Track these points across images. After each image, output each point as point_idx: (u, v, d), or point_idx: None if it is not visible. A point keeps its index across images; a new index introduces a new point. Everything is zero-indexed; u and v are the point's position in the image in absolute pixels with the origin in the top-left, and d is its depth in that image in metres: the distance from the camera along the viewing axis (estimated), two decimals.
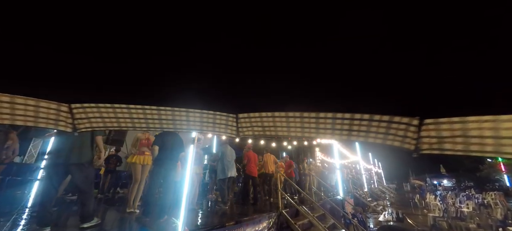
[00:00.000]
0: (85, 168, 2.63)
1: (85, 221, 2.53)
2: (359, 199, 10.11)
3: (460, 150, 1.79)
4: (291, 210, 4.83)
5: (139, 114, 2.43)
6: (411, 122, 1.89)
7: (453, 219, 7.43)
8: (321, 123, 2.29)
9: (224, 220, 3.37)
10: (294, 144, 12.16)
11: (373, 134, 2.13)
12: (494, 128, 1.58)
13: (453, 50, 1.05)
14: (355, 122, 2.11)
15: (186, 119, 2.53)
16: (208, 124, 2.62)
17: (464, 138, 1.74)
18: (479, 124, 1.63)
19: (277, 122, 2.47)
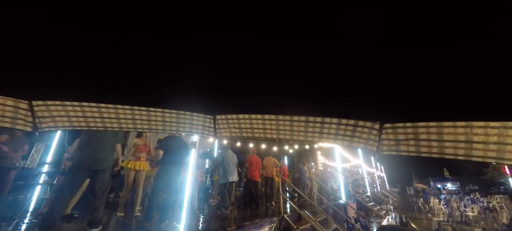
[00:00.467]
0: (105, 174, 2.68)
1: (93, 226, 2.53)
2: (362, 204, 10.00)
3: (413, 152, 2.07)
4: (293, 214, 4.79)
5: (110, 113, 2.32)
6: (373, 126, 2.13)
7: (458, 224, 7.32)
8: (295, 126, 2.44)
9: (225, 225, 3.35)
10: (295, 148, 12.11)
11: (341, 136, 2.36)
12: (437, 133, 1.88)
13: (410, 61, 1.19)
14: (326, 125, 2.32)
15: (161, 120, 2.50)
16: (185, 124, 2.60)
17: (415, 141, 2.01)
18: (427, 129, 1.90)
19: (254, 123, 2.55)
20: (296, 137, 2.57)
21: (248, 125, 2.59)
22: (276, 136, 2.61)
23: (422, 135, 1.96)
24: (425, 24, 0.90)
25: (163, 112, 2.42)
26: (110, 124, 2.41)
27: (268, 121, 2.48)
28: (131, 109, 2.34)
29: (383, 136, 2.15)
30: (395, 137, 2.11)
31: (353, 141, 2.35)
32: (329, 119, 2.26)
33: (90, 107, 2.21)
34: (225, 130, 2.69)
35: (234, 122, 2.58)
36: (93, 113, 2.28)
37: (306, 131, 2.45)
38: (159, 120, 2.48)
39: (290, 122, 2.42)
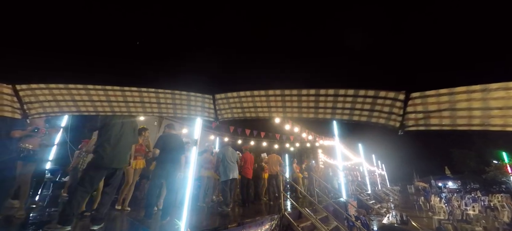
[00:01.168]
0: (120, 172, 2.73)
1: (96, 222, 2.55)
2: (362, 201, 10.02)
3: (447, 125, 1.71)
4: (294, 212, 4.81)
5: (100, 96, 2.11)
6: (397, 96, 1.80)
7: (459, 222, 7.32)
8: (304, 101, 2.15)
9: (227, 222, 3.37)
10: (297, 146, 12.12)
11: (358, 111, 2.03)
12: (482, 99, 1.48)
13: (440, 16, 0.93)
14: (340, 99, 1.99)
15: (156, 101, 2.28)
16: (182, 106, 2.37)
17: (451, 111, 1.65)
18: (468, 95, 1.52)
19: (257, 102, 2.29)
20: (305, 115, 2.26)
21: (251, 104, 2.32)
22: (283, 114, 2.33)
23: (461, 104, 1.58)
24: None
25: (157, 92, 2.21)
26: (101, 108, 2.24)
27: (273, 97, 2.19)
28: (122, 90, 2.14)
29: (409, 108, 1.81)
30: (424, 108, 1.75)
31: (373, 116, 2.00)
32: (343, 90, 1.92)
33: (78, 89, 2.02)
34: (226, 111, 2.45)
35: (235, 101, 2.33)
36: (81, 97, 2.09)
37: (316, 107, 2.13)
38: (154, 102, 2.29)
39: (298, 97, 2.12)
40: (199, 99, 2.33)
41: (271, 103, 2.26)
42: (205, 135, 9.40)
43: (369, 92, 1.86)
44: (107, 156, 2.55)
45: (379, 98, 1.87)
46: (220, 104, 2.40)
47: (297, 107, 2.22)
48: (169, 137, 3.53)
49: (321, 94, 2.03)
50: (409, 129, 1.89)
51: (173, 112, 2.41)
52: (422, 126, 1.82)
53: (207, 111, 2.45)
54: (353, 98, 1.95)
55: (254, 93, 2.21)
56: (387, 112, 1.92)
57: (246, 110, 2.40)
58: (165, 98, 2.26)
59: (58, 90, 1.99)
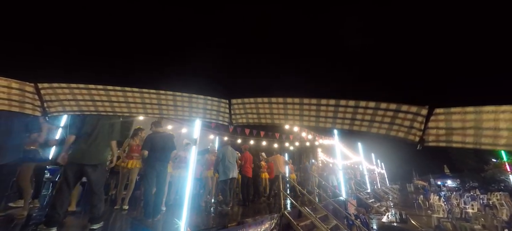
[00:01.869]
0: (99, 169, 2.64)
1: (94, 222, 2.55)
2: (362, 200, 10.04)
3: (470, 143, 1.68)
4: (294, 211, 4.82)
5: (119, 97, 2.15)
6: (419, 111, 1.77)
7: (458, 220, 7.35)
8: (322, 111, 2.12)
9: (226, 221, 3.37)
10: (296, 145, 12.13)
11: (377, 124, 1.99)
12: (510, 120, 1.46)
13: (471, 33, 0.90)
14: (360, 110, 1.97)
15: (173, 104, 2.31)
16: (198, 109, 2.39)
17: (476, 130, 1.62)
18: (496, 115, 1.50)
19: (274, 109, 2.27)
20: (322, 125, 2.23)
21: (268, 110, 2.30)
22: (299, 123, 2.32)
23: (487, 123, 1.56)
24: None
25: (175, 95, 2.24)
26: (119, 108, 2.28)
27: (291, 105, 2.17)
28: (140, 92, 2.18)
29: (431, 124, 1.78)
30: (447, 125, 1.72)
31: (392, 129, 1.97)
32: (364, 102, 1.89)
33: (97, 90, 2.09)
34: (241, 116, 2.45)
35: (252, 107, 2.31)
36: (101, 97, 2.15)
37: (335, 117, 2.12)
38: (171, 104, 2.32)
39: (317, 107, 2.09)
40: (215, 103, 2.35)
41: (288, 111, 2.24)
42: (204, 134, 9.40)
43: (391, 105, 1.84)
44: (78, 152, 2.54)
45: (400, 111, 1.84)
46: (236, 109, 2.41)
47: (315, 116, 2.20)
48: (157, 136, 3.51)
49: (341, 105, 2.00)
50: (428, 145, 1.87)
51: (189, 114, 2.44)
52: (443, 142, 1.80)
53: (222, 115, 2.47)
54: (373, 110, 1.93)
55: (272, 100, 2.20)
56: (408, 126, 1.89)
57: (262, 116, 2.40)
58: (182, 101, 2.29)
59: (78, 89, 2.04)
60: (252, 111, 2.38)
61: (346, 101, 1.95)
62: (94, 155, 2.60)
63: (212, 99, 2.30)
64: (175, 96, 2.24)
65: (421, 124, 1.82)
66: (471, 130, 1.65)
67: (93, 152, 2.60)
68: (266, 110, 2.32)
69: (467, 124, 1.64)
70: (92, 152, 2.59)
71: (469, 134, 1.67)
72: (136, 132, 4.20)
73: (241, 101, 2.32)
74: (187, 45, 9.19)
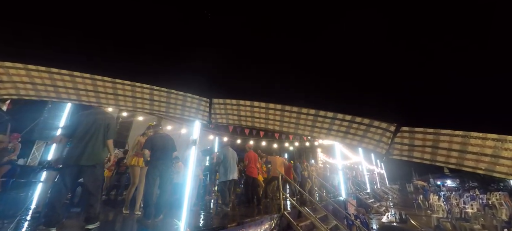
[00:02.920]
0: (96, 170, 2.63)
1: (90, 222, 2.54)
2: (361, 200, 10.04)
3: (427, 159, 1.93)
4: (294, 211, 4.82)
5: (87, 85, 1.96)
6: (388, 128, 1.97)
7: (457, 220, 7.36)
8: (302, 120, 2.23)
9: (226, 222, 3.37)
10: (296, 145, 12.13)
11: (351, 135, 2.18)
12: (462, 143, 1.73)
13: (438, 63, 1.10)
14: (336, 122, 2.12)
15: (149, 98, 2.19)
16: (176, 106, 2.31)
17: (433, 148, 1.86)
18: (450, 137, 1.75)
19: (256, 112, 2.30)
20: (301, 132, 2.36)
21: (249, 113, 2.34)
22: (279, 128, 2.40)
23: (443, 144, 1.80)
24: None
25: (152, 89, 2.10)
26: (86, 97, 2.04)
27: (272, 111, 2.24)
28: (113, 82, 1.97)
29: (397, 139, 1.98)
30: (410, 142, 1.94)
31: (363, 141, 2.17)
32: (342, 115, 2.05)
33: (61, 75, 1.81)
34: (221, 116, 2.44)
35: (233, 108, 2.33)
36: (64, 83, 1.89)
37: (313, 126, 2.25)
38: (146, 98, 2.17)
39: (297, 115, 2.20)
40: (195, 101, 2.29)
41: (269, 115, 2.30)
42: (204, 135, 9.40)
43: (365, 120, 2.01)
44: (74, 153, 2.53)
45: (372, 126, 2.02)
46: (216, 109, 2.38)
47: (294, 123, 2.29)
48: (157, 137, 3.51)
49: (320, 115, 2.12)
50: (392, 157, 2.09)
51: (166, 111, 2.33)
52: (405, 156, 2.03)
53: (201, 114, 2.41)
54: (349, 123, 2.09)
55: (254, 104, 2.21)
56: (377, 140, 2.09)
57: (242, 118, 2.41)
58: (159, 95, 2.17)
59: (37, 72, 1.76)
60: (233, 113, 2.37)
61: (325, 112, 2.08)
62: (91, 156, 2.59)
63: (192, 96, 2.21)
64: (152, 90, 2.10)
65: (388, 139, 2.01)
66: (429, 148, 1.88)
67: (90, 153, 2.59)
68: (248, 113, 2.33)
69: (427, 142, 1.87)
70: (89, 153, 2.58)
71: (427, 151, 1.91)
72: (146, 131, 4.09)
73: (222, 101, 2.29)
74: (169, 40, 8.60)
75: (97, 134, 2.67)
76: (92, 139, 2.62)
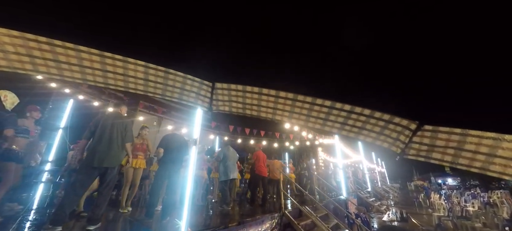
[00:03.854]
0: (114, 172, 2.69)
1: (92, 223, 2.55)
2: (362, 199, 10.04)
3: (447, 162, 1.80)
4: (294, 210, 4.82)
5: (70, 57, 1.65)
6: (408, 125, 1.84)
7: (458, 219, 7.35)
8: (315, 110, 2.08)
9: (227, 221, 3.37)
10: (296, 144, 12.12)
11: (367, 131, 2.04)
12: (491, 146, 1.57)
13: (471, 64, 0.96)
14: (353, 115, 1.98)
15: (144, 78, 1.93)
16: (174, 88, 2.09)
17: (456, 150, 1.73)
18: (479, 139, 1.61)
19: (263, 100, 2.13)
20: (311, 124, 2.20)
21: (256, 102, 2.17)
22: (288, 119, 2.23)
23: (469, 146, 1.66)
24: None
25: (147, 66, 1.85)
26: (69, 72, 1.72)
27: (283, 99, 2.06)
28: (101, 56, 1.69)
29: (416, 138, 1.87)
30: (431, 142, 1.82)
31: (379, 138, 2.03)
32: (360, 109, 1.90)
33: (38, 43, 1.50)
34: (224, 103, 2.26)
35: (238, 94, 2.15)
36: (43, 53, 1.56)
37: (326, 119, 2.09)
38: (140, 77, 1.93)
39: (310, 106, 2.03)
40: (196, 84, 2.07)
41: (278, 105, 2.14)
42: (204, 134, 9.40)
43: (384, 116, 1.87)
44: (98, 155, 2.57)
45: (391, 123, 1.88)
46: (219, 95, 2.19)
47: (306, 115, 2.15)
48: (172, 136, 3.52)
49: (336, 108, 1.97)
50: (407, 157, 1.96)
51: (162, 93, 2.08)
52: (422, 157, 1.89)
53: (201, 99, 2.20)
54: (366, 118, 1.95)
55: (263, 90, 2.05)
56: (394, 138, 1.95)
57: (247, 106, 2.23)
58: (155, 75, 1.92)
59: (8, 38, 1.44)
60: (237, 100, 2.19)
61: (342, 104, 1.93)
62: (114, 158, 2.66)
63: (193, 78, 2.01)
64: (147, 68, 1.85)
65: (407, 137, 1.89)
66: (451, 150, 1.75)
67: (113, 155, 2.65)
68: (254, 100, 2.16)
69: (450, 144, 1.73)
70: (112, 155, 2.64)
71: (449, 153, 1.77)
72: (140, 131, 4.18)
73: (226, 86, 2.10)
74: (173, 11, 7.39)
75: (117, 136, 2.73)
76: (113, 142, 2.67)
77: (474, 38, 31.70)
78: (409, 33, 32.99)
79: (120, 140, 2.77)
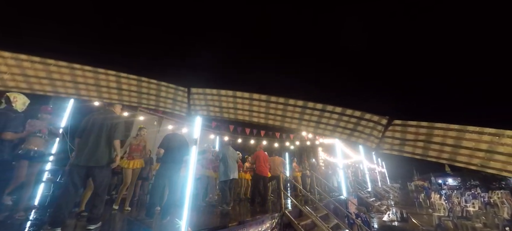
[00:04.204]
0: (103, 171, 2.65)
1: (92, 222, 2.55)
2: (362, 199, 10.04)
3: (418, 154, 1.88)
4: (294, 210, 4.82)
5: (37, 71, 1.65)
6: (380, 121, 1.90)
7: (459, 219, 7.35)
8: (289, 111, 2.12)
9: (227, 221, 3.37)
10: (297, 144, 12.12)
11: (341, 129, 2.10)
12: (456, 137, 1.67)
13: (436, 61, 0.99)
14: (326, 114, 2.03)
15: (117, 87, 1.92)
16: (150, 96, 2.09)
17: (425, 143, 1.81)
18: (445, 131, 1.70)
19: (239, 103, 2.15)
20: (287, 125, 2.24)
21: (231, 104, 2.20)
22: (264, 121, 2.27)
23: (436, 138, 1.74)
24: None
25: (118, 76, 1.85)
26: (39, 85, 1.72)
27: (257, 102, 2.10)
28: (70, 68, 1.67)
29: (388, 133, 1.93)
30: (402, 136, 1.89)
31: (353, 135, 2.10)
32: (331, 107, 1.96)
33: (3, 58, 1.51)
34: (201, 107, 2.28)
35: (214, 98, 2.18)
36: (9, 68, 1.56)
37: (301, 118, 2.14)
38: (113, 86, 1.93)
39: (284, 106, 2.07)
40: (171, 91, 2.07)
41: (253, 107, 2.18)
42: (204, 134, 9.41)
43: (356, 113, 1.94)
44: (82, 154, 2.56)
45: (363, 119, 1.96)
46: (196, 99, 2.21)
47: (280, 115, 2.19)
48: (173, 136, 3.54)
49: (308, 107, 2.03)
50: (383, 151, 2.04)
51: (138, 101, 2.11)
52: (396, 151, 1.97)
53: (179, 105, 2.22)
54: (339, 115, 2.02)
55: (237, 94, 2.08)
56: (367, 133, 2.02)
57: (224, 110, 2.27)
58: (128, 84, 1.93)
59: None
60: (214, 104, 2.22)
61: (314, 104, 1.99)
62: (100, 156, 2.61)
63: (167, 85, 2.00)
64: (119, 77, 1.85)
65: (379, 132, 1.95)
66: (421, 142, 1.83)
67: (99, 153, 2.61)
68: (230, 104, 2.19)
69: (419, 137, 1.81)
70: (99, 154, 2.61)
71: (419, 146, 1.85)
72: (138, 132, 4.22)
73: (202, 91, 2.11)
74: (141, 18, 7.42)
75: (104, 135, 2.69)
76: (99, 140, 2.64)
77: (451, 38, 30.53)
78: (406, 34, 31.78)
79: (105, 138, 2.70)
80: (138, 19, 6.30)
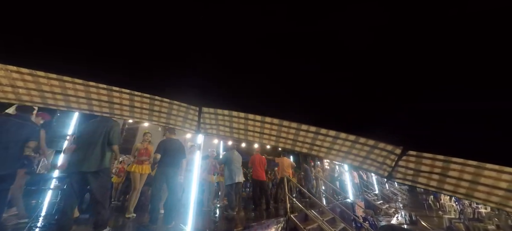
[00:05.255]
0: (100, 176, 2.64)
1: (98, 228, 2.57)
2: (369, 202, 9.86)
3: (433, 186, 1.84)
4: (300, 214, 4.76)
5: (53, 86, 1.72)
6: (394, 150, 1.85)
7: (470, 221, 7.13)
8: (301, 136, 2.11)
9: (232, 225, 3.36)
10: None
11: (353, 156, 2.07)
12: (474, 174, 1.63)
13: (453, 92, 0.96)
14: (338, 141, 2.02)
15: (129, 104, 1.97)
16: (161, 113, 2.14)
17: (441, 176, 1.77)
18: (462, 166, 1.66)
19: (250, 125, 2.15)
20: (298, 149, 2.23)
21: (242, 126, 2.20)
22: (275, 143, 2.28)
23: (453, 172, 1.70)
24: None
25: (132, 95, 1.91)
26: (53, 100, 1.80)
27: (269, 125, 2.11)
28: (86, 85, 1.74)
29: (402, 163, 1.89)
30: (416, 167, 1.85)
31: (365, 162, 2.07)
32: (345, 135, 1.94)
33: (9, 71, 1.56)
34: (211, 126, 2.29)
35: (225, 119, 2.19)
36: (12, 81, 1.62)
37: (312, 144, 2.14)
38: (126, 104, 1.99)
39: (296, 131, 2.08)
40: (183, 110, 2.11)
41: (265, 130, 2.17)
42: (208, 138, 9.44)
43: (369, 142, 1.90)
44: (75, 160, 2.61)
45: (376, 148, 1.92)
46: (206, 118, 2.22)
47: (292, 139, 2.18)
48: (169, 142, 3.58)
49: (321, 133, 2.02)
50: (395, 180, 2.00)
51: (149, 118, 2.18)
52: (409, 181, 1.92)
53: (189, 123, 2.25)
54: (352, 143, 1.99)
55: (249, 116, 2.07)
56: (380, 162, 1.98)
57: (234, 130, 2.26)
58: (141, 102, 2.00)
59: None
60: (224, 124, 2.23)
61: (327, 130, 1.97)
62: (93, 161, 2.61)
63: (179, 104, 2.04)
64: (132, 95, 1.90)
65: (392, 161, 1.91)
66: (436, 175, 1.78)
67: (92, 159, 2.62)
68: (241, 125, 2.19)
69: (435, 169, 1.77)
70: (91, 159, 2.61)
71: (434, 178, 1.81)
72: (143, 137, 4.26)
73: (213, 111, 2.11)
74: (156, 38, 7.52)
75: (98, 140, 2.70)
76: (92, 146, 2.66)
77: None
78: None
79: (101, 143, 2.70)
80: (153, 45, 6.20)
